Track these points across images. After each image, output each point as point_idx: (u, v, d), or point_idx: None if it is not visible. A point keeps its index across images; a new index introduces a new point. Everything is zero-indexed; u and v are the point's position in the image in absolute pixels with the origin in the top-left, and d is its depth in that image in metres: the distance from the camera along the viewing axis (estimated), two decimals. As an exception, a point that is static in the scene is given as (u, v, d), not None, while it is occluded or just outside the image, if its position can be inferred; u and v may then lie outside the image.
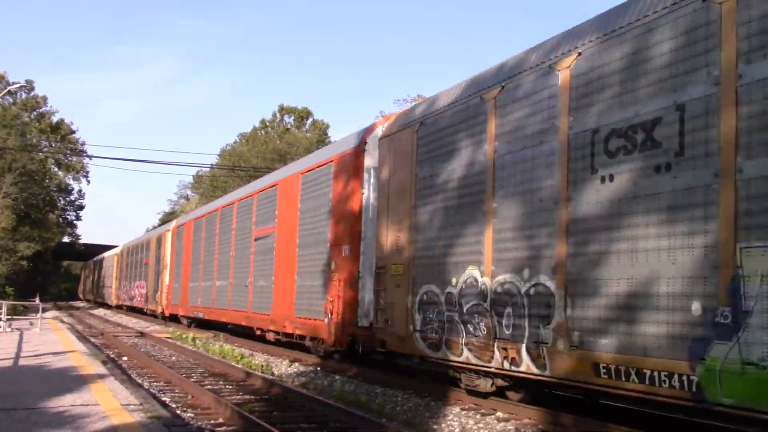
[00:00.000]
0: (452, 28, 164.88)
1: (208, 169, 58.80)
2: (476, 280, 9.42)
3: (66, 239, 65.95)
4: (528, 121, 8.66)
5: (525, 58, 9.17)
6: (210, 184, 58.81)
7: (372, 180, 13.13)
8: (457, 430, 9.44)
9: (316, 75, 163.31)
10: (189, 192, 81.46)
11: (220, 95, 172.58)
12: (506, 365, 8.81)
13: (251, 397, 11.27)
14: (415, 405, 10.88)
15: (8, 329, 22.87)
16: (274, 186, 17.94)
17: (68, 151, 58.22)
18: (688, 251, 6.48)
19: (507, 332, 8.76)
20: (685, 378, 6.40)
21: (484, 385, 10.19)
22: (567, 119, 8.00)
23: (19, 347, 16.45)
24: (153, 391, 11.40)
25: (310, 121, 61.07)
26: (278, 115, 61.61)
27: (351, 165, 13.48)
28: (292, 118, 61.57)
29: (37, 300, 34.86)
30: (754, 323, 5.83)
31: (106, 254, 51.09)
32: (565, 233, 7.88)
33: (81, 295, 66.02)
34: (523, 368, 8.53)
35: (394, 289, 11.43)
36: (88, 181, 69.51)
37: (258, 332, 18.47)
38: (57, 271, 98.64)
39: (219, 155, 58.20)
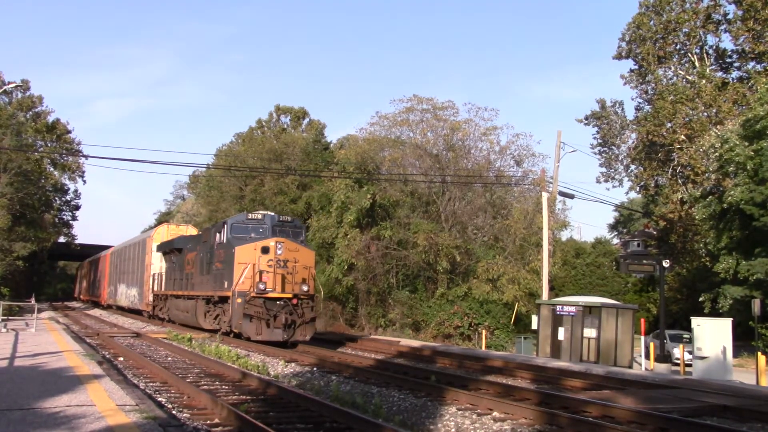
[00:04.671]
0: (450, 28, 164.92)
1: (204, 169, 58.65)
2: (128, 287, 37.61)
3: (62, 239, 65.67)
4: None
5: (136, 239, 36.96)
6: (206, 184, 58.64)
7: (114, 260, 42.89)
8: (453, 430, 9.44)
9: (312, 75, 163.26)
10: (185, 192, 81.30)
11: (216, 95, 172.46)
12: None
13: (247, 397, 11.25)
14: (412, 405, 10.88)
15: (4, 330, 22.81)
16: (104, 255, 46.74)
17: (64, 151, 58.01)
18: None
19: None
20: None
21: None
22: (152, 255, 31.61)
23: (15, 348, 16.41)
24: (149, 392, 11.36)
25: (306, 121, 60.91)
26: (274, 115, 61.41)
27: (102, 259, 47.53)
28: (289, 118, 61.43)
29: (33, 300, 34.76)
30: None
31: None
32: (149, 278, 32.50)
33: (78, 296, 65.67)
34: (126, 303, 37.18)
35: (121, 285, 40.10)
36: (84, 181, 69.15)
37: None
38: (53, 272, 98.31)
39: (215, 155, 58.07)
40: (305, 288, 19.95)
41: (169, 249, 28.60)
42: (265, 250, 19.70)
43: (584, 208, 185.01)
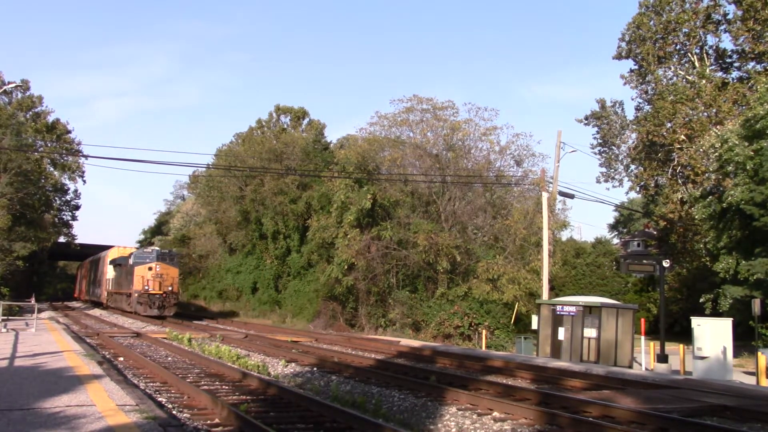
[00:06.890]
0: (450, 29, 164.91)
1: (204, 169, 58.67)
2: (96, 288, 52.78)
3: (62, 239, 65.67)
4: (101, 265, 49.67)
5: (102, 254, 51.05)
6: (206, 184, 58.69)
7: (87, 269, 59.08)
8: (453, 430, 9.45)
9: (312, 75, 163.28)
10: (185, 192, 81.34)
11: (216, 95, 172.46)
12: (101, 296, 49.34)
13: (247, 397, 11.25)
14: (412, 405, 10.88)
15: (4, 330, 22.80)
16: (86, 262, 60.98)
17: (64, 151, 58.01)
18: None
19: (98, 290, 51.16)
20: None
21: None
22: (108, 267, 45.54)
23: (15, 348, 16.41)
24: (149, 392, 11.36)
25: (306, 121, 60.91)
26: (274, 115, 61.40)
27: (89, 263, 58.54)
28: (289, 118, 61.43)
29: (33, 300, 34.73)
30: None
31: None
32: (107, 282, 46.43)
33: (78, 296, 65.76)
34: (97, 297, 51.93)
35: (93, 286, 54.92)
36: (84, 181, 69.15)
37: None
38: (53, 272, 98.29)
39: (215, 155, 58.05)
40: (170, 288, 36.80)
41: (115, 264, 43.00)
42: (150, 268, 36.50)
43: (584, 208, 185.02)
